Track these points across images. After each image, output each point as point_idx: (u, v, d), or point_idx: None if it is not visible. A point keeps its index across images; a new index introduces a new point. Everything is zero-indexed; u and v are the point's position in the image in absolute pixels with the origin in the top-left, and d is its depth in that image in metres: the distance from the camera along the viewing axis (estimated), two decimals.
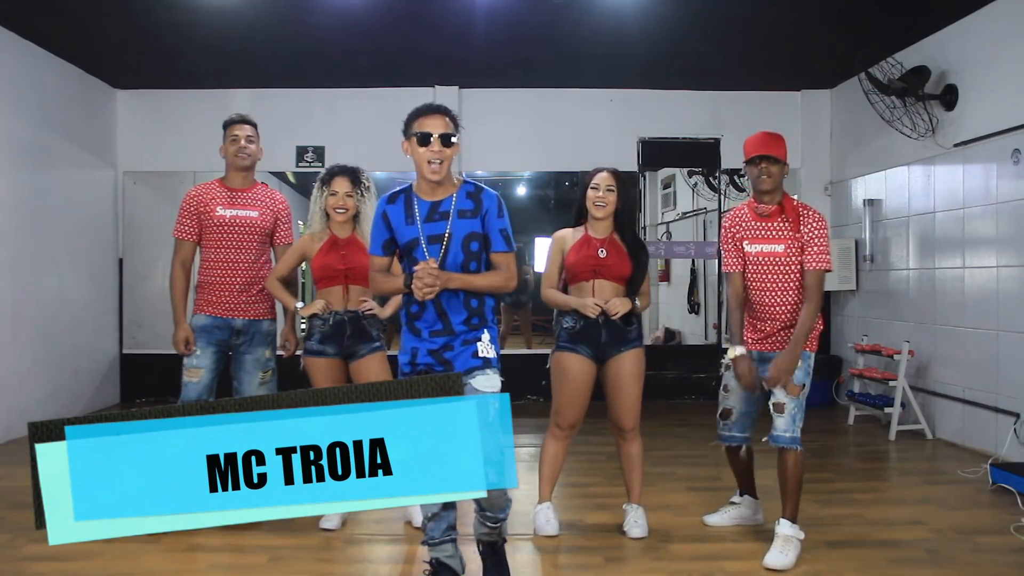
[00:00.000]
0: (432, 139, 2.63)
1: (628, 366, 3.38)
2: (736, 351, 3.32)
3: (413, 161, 2.68)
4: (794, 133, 7.23)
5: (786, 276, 3.25)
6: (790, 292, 3.25)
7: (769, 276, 3.27)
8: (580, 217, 3.51)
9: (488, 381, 2.67)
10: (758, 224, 3.30)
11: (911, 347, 5.66)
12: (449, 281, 2.62)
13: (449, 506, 2.75)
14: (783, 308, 3.26)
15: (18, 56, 5.67)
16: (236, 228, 3.70)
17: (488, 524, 2.78)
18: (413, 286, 2.62)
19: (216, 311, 3.67)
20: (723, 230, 3.44)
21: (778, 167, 3.25)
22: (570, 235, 3.49)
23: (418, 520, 3.43)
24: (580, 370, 3.38)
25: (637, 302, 3.37)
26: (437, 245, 2.68)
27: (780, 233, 3.26)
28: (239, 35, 5.72)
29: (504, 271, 2.71)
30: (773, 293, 3.27)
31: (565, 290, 3.49)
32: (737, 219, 3.37)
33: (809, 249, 3.21)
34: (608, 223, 3.43)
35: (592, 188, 3.41)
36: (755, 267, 3.30)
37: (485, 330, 2.73)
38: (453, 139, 2.66)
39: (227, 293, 3.68)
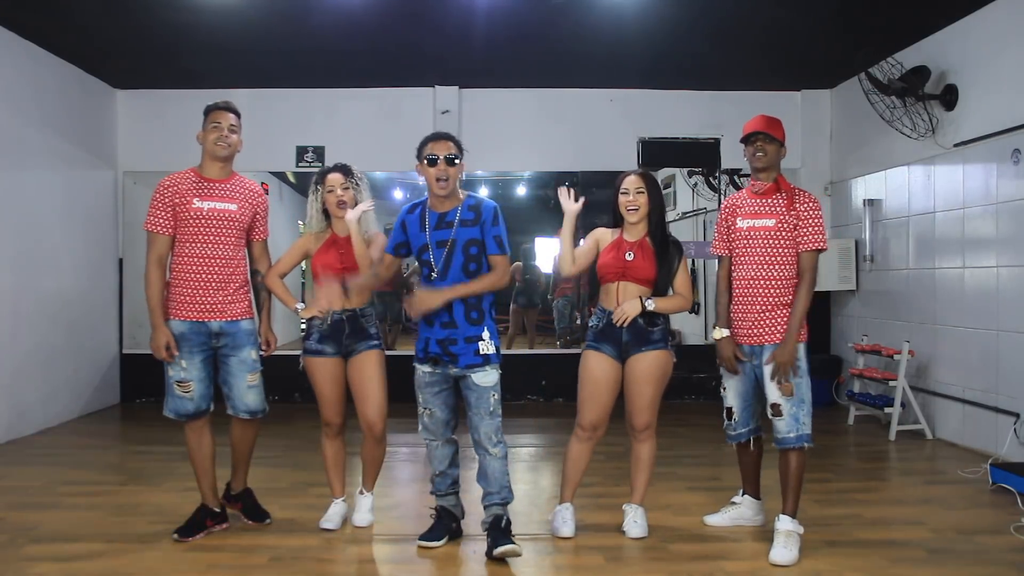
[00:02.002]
0: (438, 161, 3.14)
1: (644, 366, 3.35)
2: (720, 333, 3.39)
3: (425, 180, 3.19)
4: (794, 133, 7.21)
5: (773, 251, 3.27)
6: (775, 267, 3.26)
7: (757, 250, 3.29)
8: (616, 221, 3.49)
9: (486, 377, 3.17)
10: (753, 201, 3.36)
11: (911, 347, 5.66)
12: (450, 294, 3.13)
13: (453, 464, 3.35)
14: (766, 285, 3.26)
15: (18, 56, 5.68)
16: (214, 221, 3.37)
17: (496, 504, 3.19)
18: (411, 312, 3.20)
19: (190, 314, 3.33)
20: (720, 211, 3.51)
21: (774, 146, 3.32)
22: (609, 235, 3.48)
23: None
24: (601, 368, 3.38)
25: (649, 303, 3.31)
26: (442, 249, 3.17)
27: (773, 209, 3.30)
28: (239, 35, 5.72)
29: (496, 271, 3.21)
30: (758, 267, 3.27)
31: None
32: (734, 199, 3.47)
33: (803, 229, 3.24)
34: (642, 226, 3.42)
35: (622, 193, 3.40)
36: (744, 242, 3.33)
37: (484, 327, 3.19)
38: (456, 160, 3.17)
39: (201, 292, 3.34)
